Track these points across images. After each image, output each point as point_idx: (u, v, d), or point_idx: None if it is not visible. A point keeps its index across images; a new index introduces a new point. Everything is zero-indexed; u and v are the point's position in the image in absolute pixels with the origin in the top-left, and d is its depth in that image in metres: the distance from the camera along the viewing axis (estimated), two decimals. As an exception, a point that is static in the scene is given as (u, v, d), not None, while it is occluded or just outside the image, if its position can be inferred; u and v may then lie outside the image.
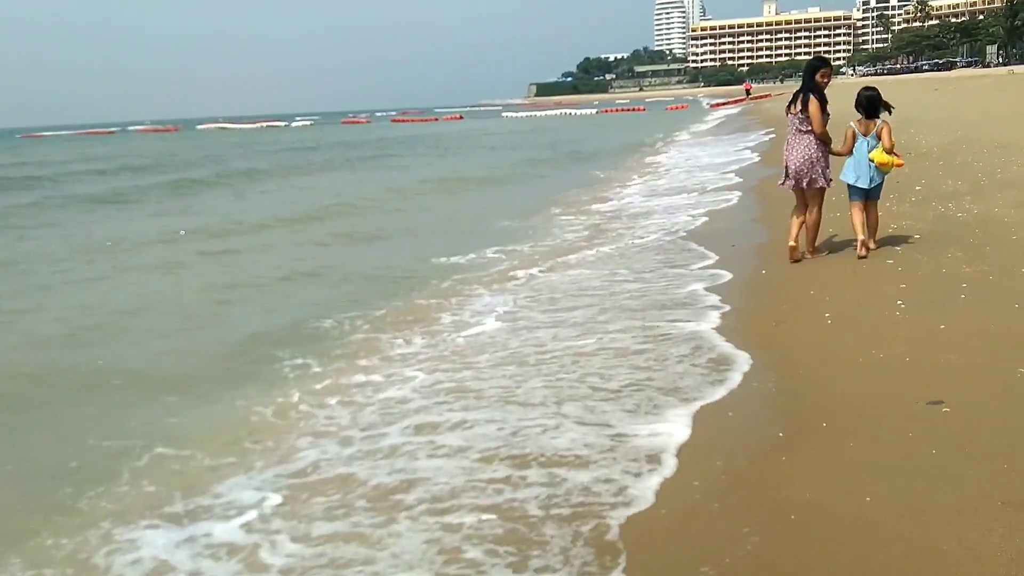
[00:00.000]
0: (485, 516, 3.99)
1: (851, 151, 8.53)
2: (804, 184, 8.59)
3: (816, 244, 8.84)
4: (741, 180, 17.40)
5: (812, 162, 8.50)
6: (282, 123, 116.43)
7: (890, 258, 8.11)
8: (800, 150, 8.54)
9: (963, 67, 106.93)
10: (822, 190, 8.63)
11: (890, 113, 8.51)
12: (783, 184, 8.86)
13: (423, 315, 8.07)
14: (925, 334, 5.82)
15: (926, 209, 10.48)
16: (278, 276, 10.64)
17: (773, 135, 27.65)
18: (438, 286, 9.35)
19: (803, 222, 8.69)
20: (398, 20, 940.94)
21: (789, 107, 8.70)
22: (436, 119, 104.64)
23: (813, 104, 8.42)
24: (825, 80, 8.58)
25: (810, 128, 8.49)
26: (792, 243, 8.60)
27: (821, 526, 3.57)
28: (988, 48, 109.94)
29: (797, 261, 8.56)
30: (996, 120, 22.18)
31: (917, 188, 11.63)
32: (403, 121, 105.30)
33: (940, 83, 52.26)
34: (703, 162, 23.63)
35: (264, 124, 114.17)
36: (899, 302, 6.60)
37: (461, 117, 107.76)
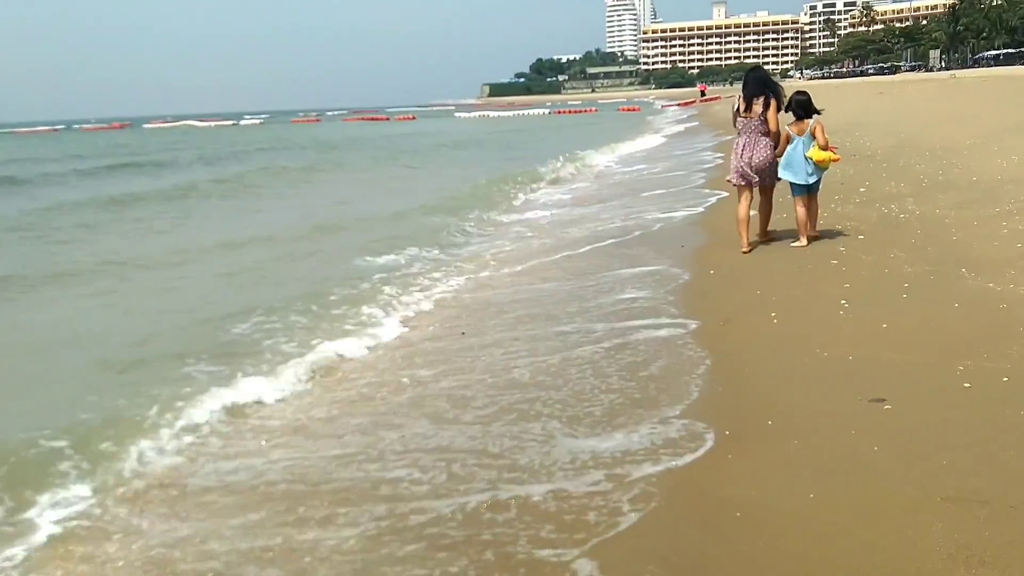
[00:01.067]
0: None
1: (784, 152, 9.21)
2: (765, 182, 9.31)
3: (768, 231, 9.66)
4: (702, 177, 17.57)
5: (771, 162, 9.21)
6: (230, 122, 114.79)
7: (834, 258, 8.24)
8: (762, 151, 9.17)
9: (907, 71, 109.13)
10: (774, 185, 9.49)
11: (819, 114, 9.23)
12: (735, 181, 9.38)
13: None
14: (868, 333, 5.91)
15: (870, 210, 10.67)
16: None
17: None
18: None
19: (748, 222, 9.23)
20: (348, 18, 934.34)
21: (744, 111, 9.20)
22: (388, 119, 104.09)
23: (773, 109, 9.07)
24: None
25: (767, 130, 9.12)
26: (746, 248, 9.19)
27: (766, 523, 3.60)
28: (931, 53, 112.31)
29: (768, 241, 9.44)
30: (938, 123, 22.65)
31: (861, 190, 11.83)
32: (355, 120, 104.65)
33: (884, 87, 53.30)
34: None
35: (213, 123, 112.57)
36: (843, 301, 6.70)
37: (414, 117, 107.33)
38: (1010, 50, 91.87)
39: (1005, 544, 3.21)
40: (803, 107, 9.14)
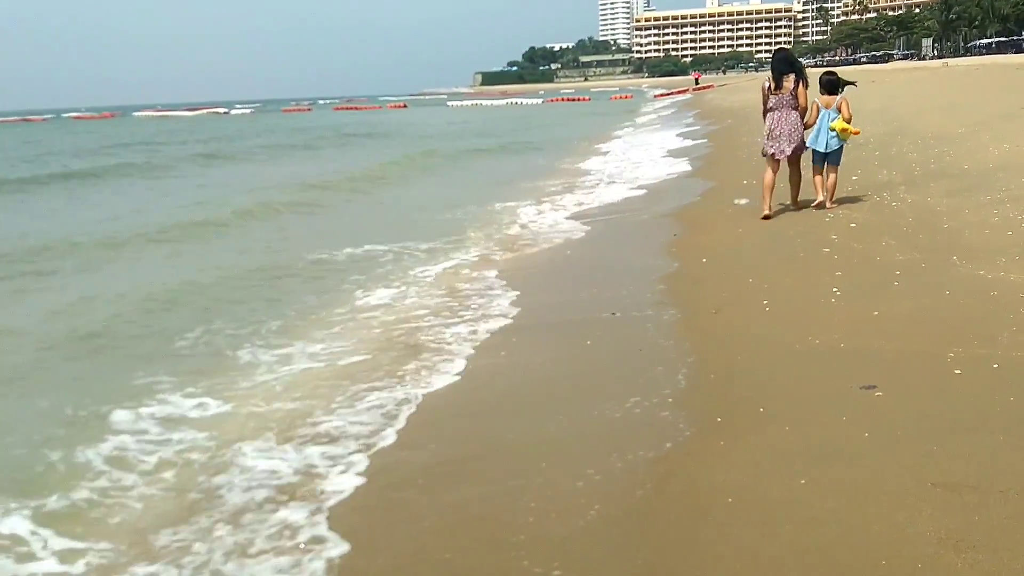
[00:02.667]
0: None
1: (815, 122, 10.25)
2: (795, 152, 10.19)
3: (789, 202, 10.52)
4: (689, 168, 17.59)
5: (800, 133, 10.18)
6: (222, 111, 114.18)
7: (826, 246, 8.26)
8: (793, 123, 10.12)
9: (900, 60, 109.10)
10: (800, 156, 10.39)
11: (855, 86, 10.70)
12: (772, 153, 10.21)
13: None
14: (859, 320, 5.93)
15: (862, 198, 10.69)
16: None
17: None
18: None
19: (772, 189, 10.13)
20: (341, 7, 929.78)
21: (775, 88, 10.14)
22: (380, 107, 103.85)
23: (802, 85, 10.08)
24: None
25: (797, 104, 10.09)
26: (768, 213, 10.09)
27: (757, 509, 3.62)
28: (924, 41, 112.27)
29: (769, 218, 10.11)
30: (930, 112, 22.66)
31: (854, 178, 11.84)
32: (346, 109, 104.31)
33: (877, 75, 53.26)
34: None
35: (204, 111, 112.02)
36: (835, 289, 6.72)
37: (405, 105, 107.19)
38: (1002, 38, 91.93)
39: (994, 529, 3.23)
40: (832, 84, 10.30)
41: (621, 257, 9.56)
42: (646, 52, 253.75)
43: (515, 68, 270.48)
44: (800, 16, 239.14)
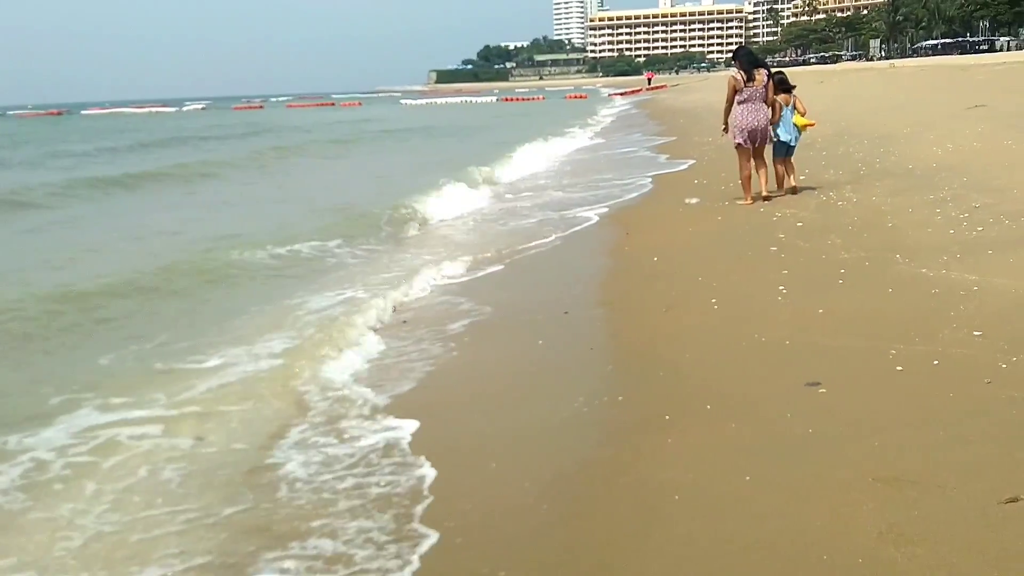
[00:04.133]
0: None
1: (779, 119, 11.10)
2: (764, 143, 10.82)
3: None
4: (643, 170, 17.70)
5: (767, 126, 10.83)
6: (172, 108, 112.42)
7: (774, 245, 8.37)
8: (764, 116, 10.76)
9: (848, 60, 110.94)
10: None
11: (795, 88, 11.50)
12: (743, 142, 10.70)
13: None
14: (805, 318, 6.02)
15: (809, 197, 10.87)
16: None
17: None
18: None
19: (751, 179, 10.80)
20: (293, 3, 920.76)
21: (748, 81, 10.65)
22: (333, 104, 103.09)
23: (771, 83, 10.82)
24: None
25: (766, 98, 10.72)
26: (765, 193, 10.79)
27: (703, 506, 3.65)
28: (872, 42, 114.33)
29: (767, 199, 10.80)
30: (876, 112, 23.10)
31: (801, 177, 12.00)
32: (299, 107, 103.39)
33: (826, 76, 54.14)
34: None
35: (153, 109, 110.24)
36: (781, 287, 6.81)
37: (359, 103, 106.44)
38: (947, 40, 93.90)
39: (933, 523, 3.29)
40: (785, 83, 11.25)
41: (573, 256, 9.60)
42: (600, 52, 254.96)
43: (470, 66, 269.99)
44: (751, 17, 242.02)
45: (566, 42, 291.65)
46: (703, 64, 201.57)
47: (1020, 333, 5.16)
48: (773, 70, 11.31)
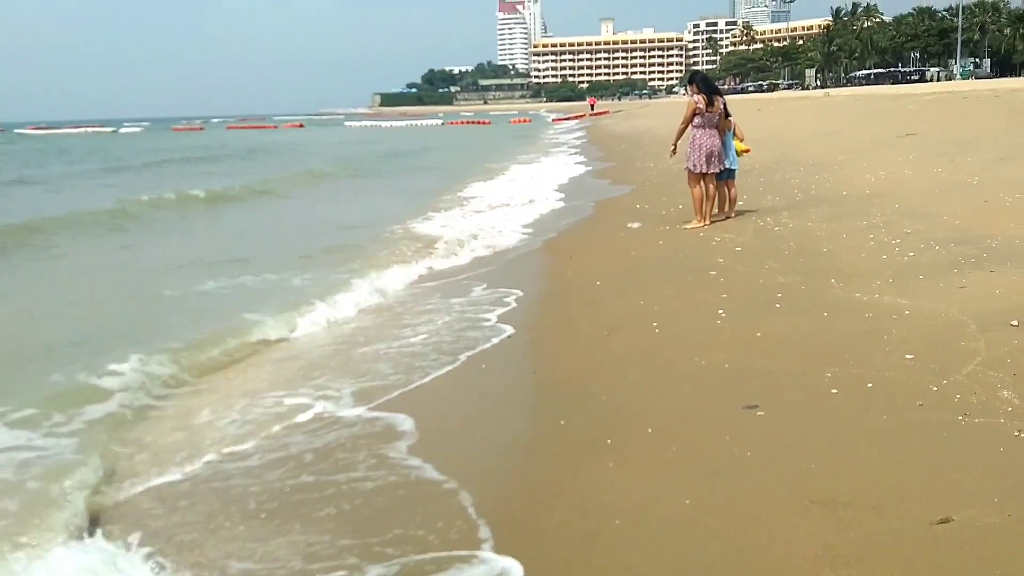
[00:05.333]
0: None
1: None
2: (719, 167, 11.14)
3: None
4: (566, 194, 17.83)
5: (722, 150, 11.22)
6: (109, 129, 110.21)
7: (713, 269, 8.49)
8: (718, 143, 11.15)
9: (785, 89, 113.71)
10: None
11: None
12: (699, 168, 11.01)
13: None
14: (743, 341, 6.10)
15: (746, 223, 11.07)
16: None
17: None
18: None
19: (703, 202, 11.10)
20: (235, 22, 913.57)
21: (708, 107, 11.00)
22: (275, 127, 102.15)
23: (725, 110, 11.22)
24: None
25: (718, 126, 11.12)
26: (706, 221, 11.09)
27: (644, 530, 3.66)
28: (808, 71, 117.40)
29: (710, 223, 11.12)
30: (812, 139, 23.67)
31: (739, 203, 12.24)
32: (240, 128, 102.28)
33: (763, 104, 55.30)
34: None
35: (89, 129, 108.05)
36: (720, 311, 6.90)
37: (302, 125, 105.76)
38: (880, 70, 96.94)
39: (868, 544, 3.34)
40: (725, 110, 11.42)
41: (515, 279, 9.61)
42: (544, 77, 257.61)
43: (414, 90, 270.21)
44: (691, 45, 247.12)
45: (510, 67, 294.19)
46: (644, 91, 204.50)
47: (950, 356, 5.29)
48: None
